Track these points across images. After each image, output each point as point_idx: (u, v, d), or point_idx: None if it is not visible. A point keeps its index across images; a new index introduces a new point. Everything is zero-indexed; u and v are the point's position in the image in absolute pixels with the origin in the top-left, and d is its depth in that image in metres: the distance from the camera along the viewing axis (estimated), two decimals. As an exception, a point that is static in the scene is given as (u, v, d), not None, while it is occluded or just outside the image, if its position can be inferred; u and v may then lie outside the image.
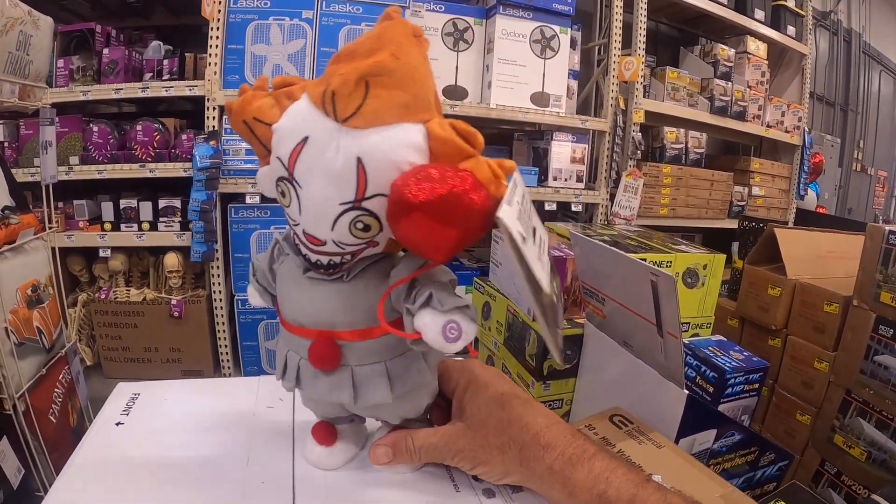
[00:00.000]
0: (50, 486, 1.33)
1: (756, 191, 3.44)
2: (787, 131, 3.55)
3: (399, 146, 0.42)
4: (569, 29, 2.63)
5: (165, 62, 2.33)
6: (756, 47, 3.41)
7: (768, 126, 3.45)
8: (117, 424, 0.61)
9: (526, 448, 0.50)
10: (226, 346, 2.37)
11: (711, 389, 0.87)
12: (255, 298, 0.59)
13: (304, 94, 0.44)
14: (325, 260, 0.48)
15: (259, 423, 0.63)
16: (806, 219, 3.55)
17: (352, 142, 0.41)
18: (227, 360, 2.39)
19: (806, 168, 3.65)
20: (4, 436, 1.19)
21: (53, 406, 1.39)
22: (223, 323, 2.34)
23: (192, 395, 0.70)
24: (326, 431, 0.56)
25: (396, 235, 0.44)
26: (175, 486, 0.52)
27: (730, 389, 0.86)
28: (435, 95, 0.46)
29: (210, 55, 2.20)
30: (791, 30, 3.52)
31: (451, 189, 0.40)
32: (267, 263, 0.56)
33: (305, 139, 0.43)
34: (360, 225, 0.45)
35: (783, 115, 3.51)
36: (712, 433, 0.73)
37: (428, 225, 0.40)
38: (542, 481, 0.50)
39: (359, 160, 0.42)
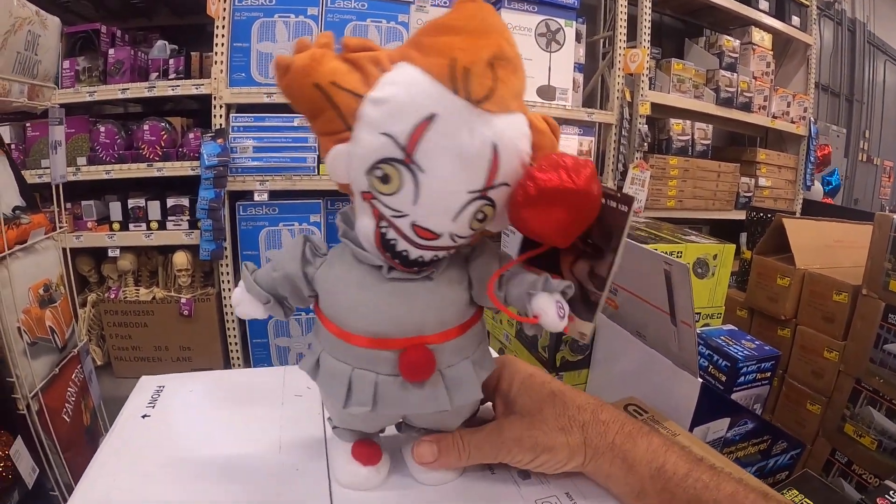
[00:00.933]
0: (64, 485, 1.33)
1: (763, 182, 3.44)
2: (792, 122, 3.54)
3: (521, 135, 0.42)
4: (574, 22, 2.63)
5: (171, 61, 2.34)
6: (761, 38, 3.40)
7: (774, 117, 3.44)
8: (143, 417, 0.61)
9: (588, 426, 0.49)
10: (236, 343, 2.39)
11: (724, 378, 0.87)
12: (252, 310, 0.50)
13: (408, 63, 0.39)
14: (428, 256, 0.44)
15: (288, 411, 0.63)
16: (812, 209, 3.55)
17: (485, 126, 0.39)
18: (238, 358, 2.40)
19: (812, 158, 3.64)
20: (18, 435, 1.20)
21: (67, 405, 1.40)
22: (233, 321, 2.36)
23: (218, 385, 0.70)
24: (370, 450, 0.52)
25: (529, 223, 0.43)
26: (208, 476, 0.52)
27: (742, 378, 0.86)
28: None
29: (216, 53, 2.21)
30: (795, 20, 3.51)
31: (593, 172, 0.42)
32: (299, 267, 0.48)
33: (432, 117, 0.38)
34: (480, 215, 0.42)
35: (789, 105, 3.51)
36: (726, 422, 0.73)
37: (575, 210, 0.42)
38: (603, 458, 0.49)
39: (494, 146, 0.39)
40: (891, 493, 0.66)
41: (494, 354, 0.56)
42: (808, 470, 0.82)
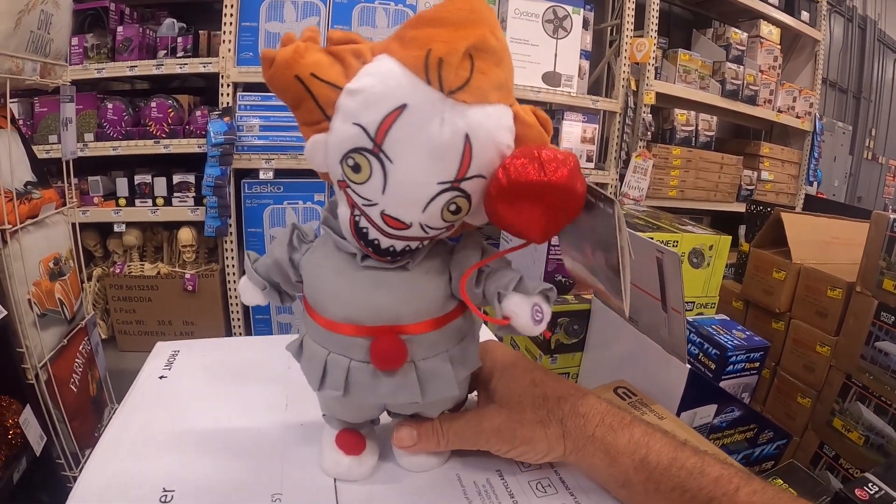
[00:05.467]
0: (70, 453, 1.36)
1: (765, 175, 3.45)
2: (798, 117, 3.54)
3: (500, 127, 0.40)
4: (581, 9, 2.63)
5: (179, 39, 2.35)
6: (769, 32, 3.39)
7: (779, 111, 3.44)
8: (160, 378, 0.65)
9: (567, 419, 0.49)
10: (238, 319, 2.42)
11: (713, 366, 0.89)
12: (253, 296, 0.52)
13: (388, 55, 0.39)
14: (399, 246, 0.44)
15: (293, 374, 0.65)
16: (814, 205, 3.55)
17: (458, 116, 0.38)
18: (240, 334, 2.43)
19: (816, 154, 3.64)
20: (27, 404, 1.23)
21: (74, 376, 1.43)
22: (236, 296, 2.39)
23: (229, 351, 0.74)
24: (354, 440, 0.51)
25: (502, 216, 0.42)
26: (221, 429, 0.56)
27: (731, 367, 0.88)
28: None
29: (224, 32, 2.22)
30: (805, 15, 3.50)
31: (576, 167, 0.41)
32: (286, 253, 0.49)
33: (403, 107, 0.38)
34: (453, 207, 0.42)
35: (794, 100, 3.50)
36: (713, 408, 0.75)
37: (549, 205, 0.41)
38: (583, 452, 0.49)
39: (466, 137, 0.39)
40: (870, 484, 0.68)
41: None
42: (794, 461, 0.84)
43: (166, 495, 0.47)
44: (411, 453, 0.52)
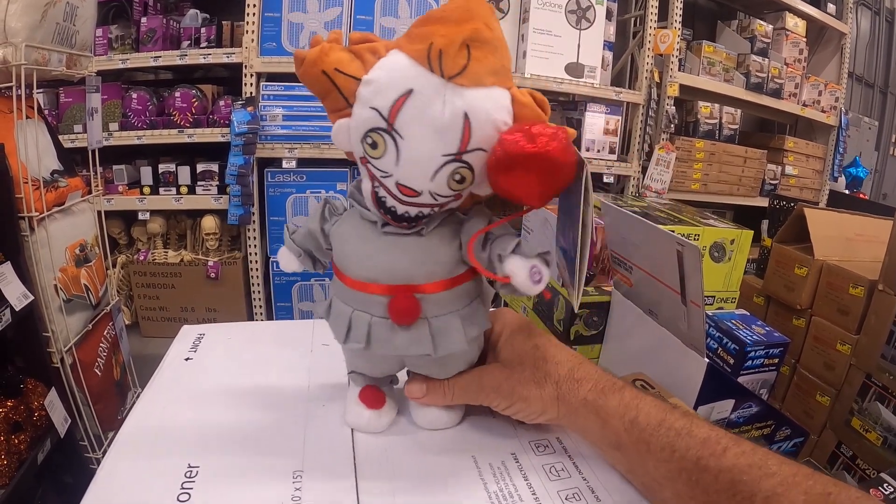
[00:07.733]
0: (93, 435, 1.39)
1: (789, 170, 3.40)
2: (823, 111, 3.49)
3: (497, 106, 0.46)
4: (605, 0, 2.61)
5: (203, 30, 2.37)
6: (794, 24, 3.34)
7: (804, 105, 3.39)
8: (186, 360, 0.67)
9: (562, 382, 0.52)
10: (260, 306, 2.45)
11: (732, 361, 0.88)
12: (290, 263, 0.58)
13: (397, 50, 0.46)
14: (413, 212, 0.49)
15: (316, 357, 0.69)
16: (838, 201, 3.50)
17: (458, 98, 0.44)
18: (262, 320, 2.45)
19: (841, 149, 3.59)
20: (53, 387, 1.25)
21: (98, 360, 1.46)
22: (258, 284, 2.42)
23: (254, 334, 0.76)
24: (375, 395, 0.57)
25: (501, 184, 0.47)
26: (245, 409, 0.58)
27: (750, 362, 0.87)
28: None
29: (247, 23, 2.24)
30: (831, 7, 3.45)
31: (565, 140, 0.45)
32: (318, 224, 0.56)
33: (409, 92, 0.44)
34: (457, 177, 0.47)
35: (820, 94, 3.45)
36: (730, 403, 0.75)
37: (541, 173, 0.46)
38: (576, 414, 0.52)
39: (465, 115, 0.44)
40: (885, 485, 0.68)
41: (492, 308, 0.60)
42: (811, 459, 0.83)
43: (191, 471, 0.48)
44: (421, 405, 0.57)
